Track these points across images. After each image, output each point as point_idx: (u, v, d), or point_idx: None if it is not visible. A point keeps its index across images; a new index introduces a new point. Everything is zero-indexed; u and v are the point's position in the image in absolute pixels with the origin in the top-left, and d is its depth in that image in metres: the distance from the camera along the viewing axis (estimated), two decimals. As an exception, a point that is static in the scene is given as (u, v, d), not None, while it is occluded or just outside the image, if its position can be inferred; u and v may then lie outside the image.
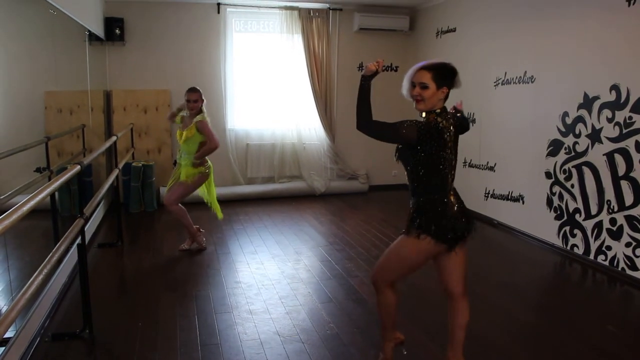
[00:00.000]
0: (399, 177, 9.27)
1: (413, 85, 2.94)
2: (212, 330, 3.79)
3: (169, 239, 6.05)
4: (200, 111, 5.47)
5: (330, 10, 8.36)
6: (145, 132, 7.73)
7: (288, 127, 8.44)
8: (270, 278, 4.89)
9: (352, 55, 8.71)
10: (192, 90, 5.47)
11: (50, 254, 2.76)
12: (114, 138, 5.62)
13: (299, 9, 8.10)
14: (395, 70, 8.97)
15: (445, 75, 2.94)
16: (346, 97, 8.71)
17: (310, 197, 8.41)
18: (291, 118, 8.41)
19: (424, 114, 2.97)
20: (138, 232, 6.43)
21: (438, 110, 2.95)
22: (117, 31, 7.33)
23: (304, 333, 3.79)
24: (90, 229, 5.77)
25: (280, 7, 8.04)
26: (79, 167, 3.59)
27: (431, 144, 2.85)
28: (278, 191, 8.32)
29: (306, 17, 8.17)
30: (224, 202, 7.80)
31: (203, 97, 5.51)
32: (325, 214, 7.44)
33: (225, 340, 3.66)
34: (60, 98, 5.56)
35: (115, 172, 5.55)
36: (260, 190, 8.23)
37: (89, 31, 6.29)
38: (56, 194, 4.50)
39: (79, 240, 3.68)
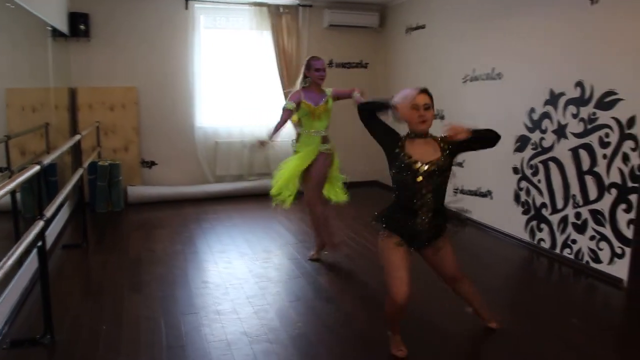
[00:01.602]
0: (370, 173, 9.28)
1: (415, 108, 3.22)
2: (178, 332, 3.72)
3: (136, 239, 5.94)
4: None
5: (300, 7, 8.31)
6: (112, 131, 7.59)
7: (257, 124, 8.36)
8: (239, 277, 4.83)
9: (322, 52, 8.59)
10: (319, 58, 5.20)
11: (5, 257, 2.67)
12: (77, 136, 5.51)
13: (268, 5, 8.03)
14: (365, 67, 8.96)
15: (433, 100, 3.33)
16: (316, 94, 8.66)
17: (281, 195, 8.35)
18: (261, 115, 8.33)
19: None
20: (104, 233, 6.30)
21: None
22: (82, 27, 7.16)
23: (272, 333, 3.75)
24: (54, 230, 5.64)
25: (249, 4, 7.96)
26: (38, 166, 3.49)
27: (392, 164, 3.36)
28: (248, 189, 8.24)
29: (275, 13, 8.10)
30: (193, 201, 7.74)
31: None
32: (295, 212, 7.37)
33: (192, 342, 3.60)
34: (23, 96, 5.42)
35: (80, 171, 5.43)
36: (230, 188, 8.15)
37: (52, 27, 6.14)
38: (17, 194, 4.39)
39: (39, 243, 3.58)
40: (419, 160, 3.21)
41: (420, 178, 3.20)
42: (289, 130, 8.47)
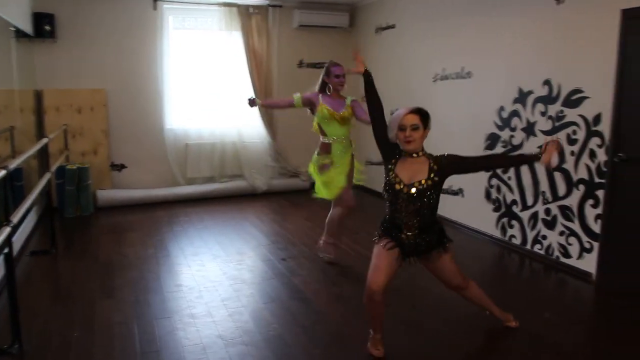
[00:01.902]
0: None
1: (401, 129, 3.22)
2: (151, 337, 3.67)
3: (106, 244, 5.85)
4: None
5: (270, 7, 8.28)
6: (80, 134, 7.45)
7: (228, 126, 8.32)
8: (212, 280, 4.79)
9: (292, 52, 8.66)
10: (339, 64, 5.11)
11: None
12: (44, 140, 5.39)
13: (238, 6, 7.98)
14: (335, 67, 8.95)
15: (427, 118, 3.32)
16: (287, 94, 8.63)
17: (252, 196, 8.32)
18: (231, 116, 8.29)
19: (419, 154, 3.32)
20: (73, 238, 6.19)
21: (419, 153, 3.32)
22: (47, 27, 7.00)
23: (247, 335, 3.73)
24: (21, 236, 5.51)
25: (218, 4, 7.90)
26: (4, 171, 3.41)
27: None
28: (219, 191, 8.18)
29: (245, 14, 8.06)
30: (164, 203, 7.66)
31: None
32: (267, 213, 7.38)
33: (166, 346, 3.55)
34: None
35: (48, 175, 5.32)
36: (201, 190, 8.08)
37: (15, 27, 6.00)
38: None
39: (6, 250, 3.50)
40: (404, 181, 3.26)
41: (401, 200, 3.27)
42: (259, 131, 8.46)
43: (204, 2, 7.84)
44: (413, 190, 3.23)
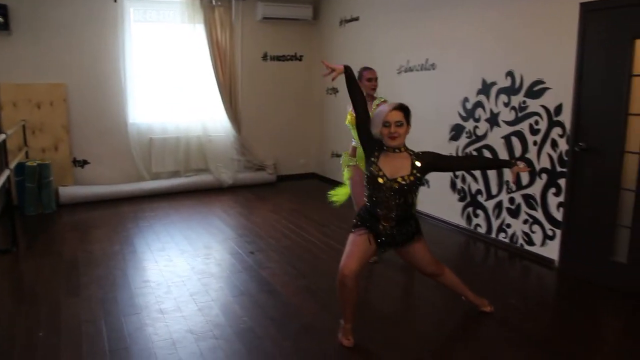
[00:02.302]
0: (307, 166, 9.31)
1: (385, 125, 3.27)
2: (120, 334, 3.63)
3: (71, 241, 5.74)
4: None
5: (233, 0, 8.21)
6: (39, 129, 7.27)
7: (192, 120, 8.24)
8: (180, 275, 4.76)
9: (256, 45, 8.62)
10: (371, 68, 5.02)
11: None
12: (2, 136, 5.25)
13: (200, -2, 7.91)
14: (300, 60, 8.96)
15: (410, 114, 3.40)
16: (251, 87, 8.62)
17: (218, 190, 8.27)
18: (195, 110, 8.21)
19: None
20: (36, 236, 6.04)
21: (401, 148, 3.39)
22: (0, 19, 6.81)
23: (217, 329, 3.72)
24: (-19, 234, 5.38)
25: (180, -4, 7.81)
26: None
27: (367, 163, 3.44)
28: (185, 185, 8.11)
29: (208, 6, 7.97)
30: (129, 199, 7.56)
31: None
32: (233, 207, 7.35)
33: (135, 343, 3.52)
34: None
35: (7, 172, 5.19)
36: (166, 185, 7.99)
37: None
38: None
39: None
40: (387, 175, 3.32)
41: (383, 193, 3.34)
42: (224, 125, 8.41)
43: (166, -6, 7.73)
44: (396, 185, 3.30)
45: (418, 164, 3.34)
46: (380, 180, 3.33)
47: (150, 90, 8.01)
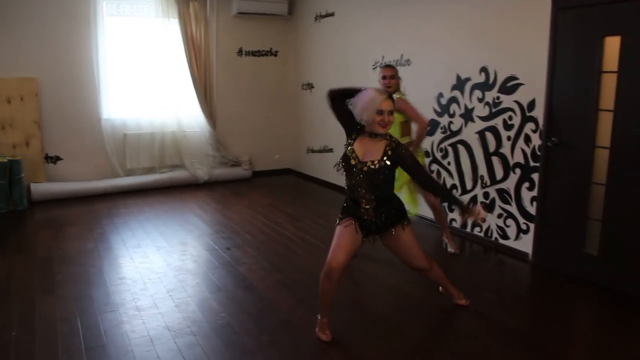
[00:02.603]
0: (282, 161, 9.31)
1: (379, 113, 3.28)
2: (96, 332, 3.60)
3: (44, 239, 5.66)
4: (397, 89, 4.90)
5: (208, -6, 8.17)
6: (10, 125, 7.13)
7: (167, 115, 8.17)
8: (156, 271, 4.73)
9: (231, 40, 8.57)
10: (388, 66, 4.98)
11: None
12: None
13: (174, -7, 7.83)
14: (275, 55, 8.94)
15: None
16: (226, 83, 8.58)
17: (194, 186, 8.23)
18: (170, 106, 8.14)
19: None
20: (7, 234, 5.93)
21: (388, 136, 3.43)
22: (-30, 13, 6.67)
23: (194, 325, 3.71)
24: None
25: (154, -9, 7.73)
26: None
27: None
28: (160, 181, 8.05)
29: (183, 1, 7.90)
30: (103, 195, 7.48)
31: (399, 76, 4.96)
32: (209, 203, 7.32)
33: (112, 340, 3.49)
34: None
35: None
36: (141, 181, 7.92)
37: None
38: None
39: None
40: (361, 158, 3.38)
41: (355, 175, 3.40)
42: (199, 120, 8.36)
43: (140, -12, 7.64)
44: (367, 168, 3.35)
45: (390, 152, 3.36)
46: (352, 162, 3.39)
47: (124, 85, 7.90)
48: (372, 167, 3.34)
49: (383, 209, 3.45)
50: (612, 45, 4.19)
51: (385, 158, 3.34)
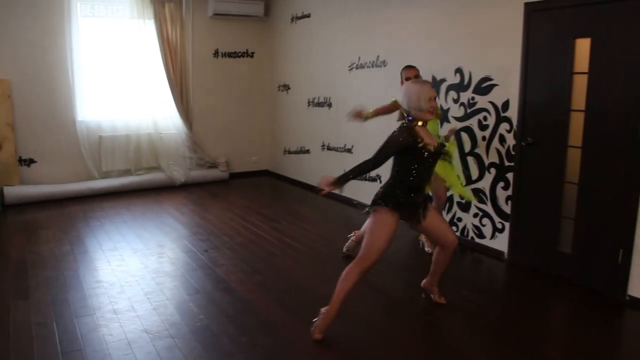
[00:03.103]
0: (260, 163, 9.31)
1: (432, 99, 3.48)
2: (73, 336, 3.56)
3: (18, 243, 5.57)
4: None
5: (183, -5, 8.13)
6: (-18, 127, 7.05)
7: (143, 117, 8.11)
8: (134, 274, 4.70)
9: (207, 42, 8.55)
10: (411, 67, 4.95)
11: None
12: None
13: (150, -6, 7.78)
14: (252, 57, 8.94)
15: None
16: (203, 84, 8.54)
17: (170, 188, 8.18)
18: (146, 107, 8.09)
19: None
20: (-20, 237, 5.86)
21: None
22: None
23: (173, 327, 3.70)
24: None
25: (129, -9, 7.67)
26: None
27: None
28: (136, 184, 7.99)
29: (158, 1, 7.86)
30: (78, 198, 7.40)
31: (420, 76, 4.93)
32: (186, 204, 7.28)
33: (89, 344, 3.46)
34: None
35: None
36: (117, 183, 7.85)
37: None
38: None
39: None
40: (430, 143, 3.51)
41: (428, 163, 3.57)
42: (175, 122, 8.32)
43: (114, -11, 7.57)
44: (436, 149, 3.56)
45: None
46: (430, 149, 3.49)
47: (99, 87, 7.83)
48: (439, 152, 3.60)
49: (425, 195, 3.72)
50: (583, 47, 4.27)
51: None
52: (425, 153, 3.47)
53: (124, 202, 7.30)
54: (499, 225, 5.10)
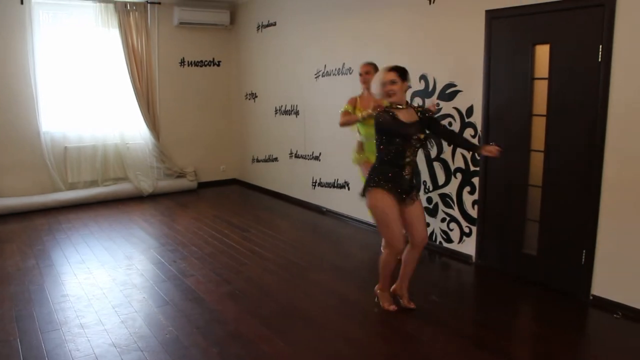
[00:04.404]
0: (228, 171, 9.28)
1: (382, 84, 3.79)
2: (38, 352, 3.49)
3: (-19, 257, 5.47)
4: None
5: (149, 4, 8.07)
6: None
7: (109, 127, 8.02)
8: (101, 287, 4.63)
9: (173, 51, 8.50)
10: (366, 63, 5.14)
11: None
12: None
13: (115, 2, 7.71)
14: (219, 65, 8.92)
15: (405, 73, 3.85)
16: (169, 93, 8.49)
17: (138, 199, 8.10)
18: (112, 117, 8.00)
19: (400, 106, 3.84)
20: (-58, 252, 5.72)
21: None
22: None
23: (142, 340, 3.66)
24: None
25: (93, 0, 7.57)
26: None
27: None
28: (103, 195, 7.88)
29: (123, 10, 7.80)
30: (44, 211, 7.28)
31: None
32: (154, 215, 7.22)
33: (55, 360, 3.41)
34: None
35: None
36: (83, 195, 7.74)
37: None
38: None
39: None
40: (409, 122, 3.78)
41: (413, 144, 3.81)
42: (142, 132, 8.25)
43: (77, -3, 7.47)
44: (422, 135, 3.82)
45: (420, 115, 3.86)
46: (407, 127, 3.74)
47: (64, 97, 7.71)
48: (418, 125, 3.80)
49: (412, 174, 3.91)
50: (543, 53, 4.37)
51: (420, 117, 3.86)
52: (413, 137, 3.76)
53: (91, 214, 7.21)
54: (466, 230, 5.17)
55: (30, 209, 7.27)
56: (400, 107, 3.82)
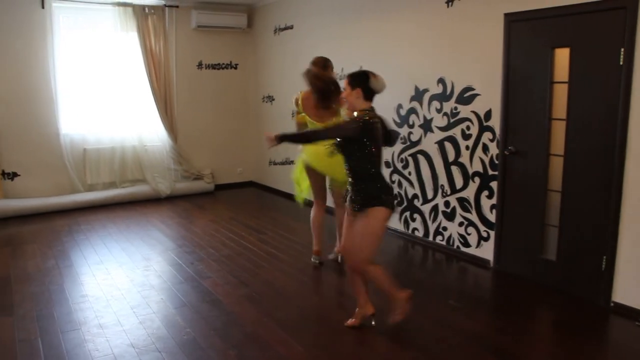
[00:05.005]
0: (245, 174, 9.31)
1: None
2: (59, 352, 3.53)
3: (2, 258, 5.50)
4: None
5: (167, 8, 8.12)
6: (-36, 141, 6.98)
7: (128, 129, 8.09)
8: (120, 288, 4.67)
9: (191, 53, 8.55)
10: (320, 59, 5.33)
11: None
12: None
13: (133, 6, 7.77)
14: (236, 68, 8.95)
15: (354, 78, 3.85)
16: (187, 96, 8.54)
17: (156, 201, 8.15)
18: (131, 119, 8.07)
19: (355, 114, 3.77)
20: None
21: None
22: None
23: (159, 342, 3.68)
24: None
25: (112, 4, 7.64)
26: None
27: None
28: (121, 196, 7.95)
29: (141, 14, 7.86)
30: (63, 212, 7.35)
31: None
32: (172, 217, 7.26)
33: None
34: None
35: None
36: (102, 196, 7.81)
37: None
38: None
39: None
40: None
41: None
42: (160, 134, 8.30)
43: (97, 1, 7.54)
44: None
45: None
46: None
47: (83, 99, 7.79)
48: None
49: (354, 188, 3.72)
50: (562, 56, 4.34)
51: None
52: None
53: (109, 215, 7.27)
54: (484, 234, 5.14)
55: (49, 210, 7.35)
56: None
